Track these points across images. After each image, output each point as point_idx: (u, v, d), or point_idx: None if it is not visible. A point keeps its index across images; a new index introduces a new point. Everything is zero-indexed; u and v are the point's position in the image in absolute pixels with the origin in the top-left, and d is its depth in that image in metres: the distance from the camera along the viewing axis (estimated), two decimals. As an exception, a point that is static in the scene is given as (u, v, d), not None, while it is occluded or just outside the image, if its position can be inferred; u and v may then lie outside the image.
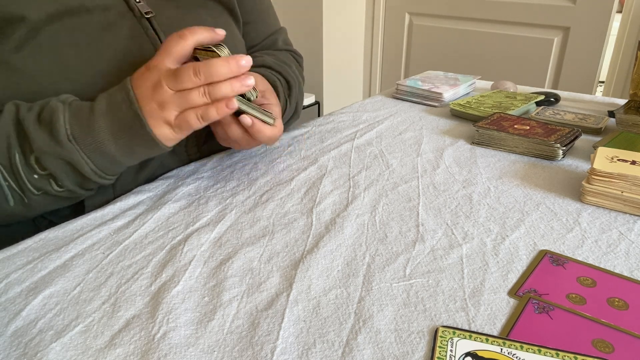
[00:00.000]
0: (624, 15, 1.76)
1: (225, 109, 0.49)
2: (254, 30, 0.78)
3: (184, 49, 0.49)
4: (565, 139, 0.67)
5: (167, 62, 0.49)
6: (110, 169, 0.51)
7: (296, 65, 0.79)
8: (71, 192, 0.50)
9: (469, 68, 2.15)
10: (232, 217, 0.52)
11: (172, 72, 0.48)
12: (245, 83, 0.49)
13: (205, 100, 0.48)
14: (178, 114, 0.49)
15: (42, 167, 0.47)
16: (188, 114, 0.49)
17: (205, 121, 0.49)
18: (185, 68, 0.48)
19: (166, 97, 0.48)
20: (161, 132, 0.49)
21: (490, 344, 0.34)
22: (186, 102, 0.48)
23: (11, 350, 0.35)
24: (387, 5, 2.35)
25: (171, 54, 0.49)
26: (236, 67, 0.48)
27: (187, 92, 0.48)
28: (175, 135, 0.50)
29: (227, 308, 0.38)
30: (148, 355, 0.34)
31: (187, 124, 0.49)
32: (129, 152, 0.50)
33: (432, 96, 0.93)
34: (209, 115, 0.49)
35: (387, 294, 0.40)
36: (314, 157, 0.68)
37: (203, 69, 0.47)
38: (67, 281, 0.42)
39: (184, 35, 0.49)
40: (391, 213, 0.53)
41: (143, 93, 0.48)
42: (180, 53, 0.49)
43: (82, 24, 0.53)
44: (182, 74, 0.47)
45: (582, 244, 0.46)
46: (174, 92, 0.48)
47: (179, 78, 0.47)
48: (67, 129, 0.46)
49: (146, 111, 0.48)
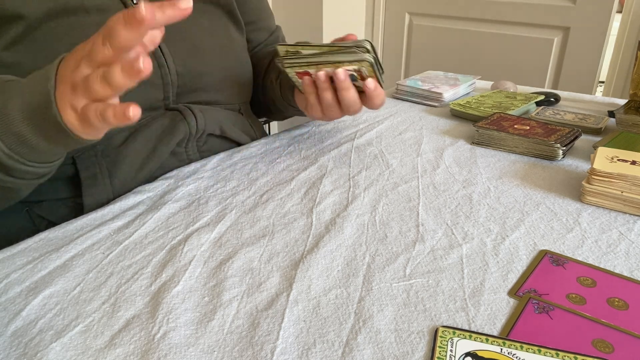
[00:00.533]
0: (624, 15, 1.76)
1: (123, 117, 0.36)
2: (257, 30, 0.79)
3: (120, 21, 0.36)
4: (565, 139, 0.67)
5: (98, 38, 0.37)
6: (28, 154, 0.44)
7: None
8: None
9: (469, 68, 2.14)
10: (232, 217, 0.52)
11: (89, 43, 0.38)
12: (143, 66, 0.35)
13: (105, 89, 0.37)
14: (86, 104, 0.39)
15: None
16: (89, 107, 0.39)
17: (103, 121, 0.38)
18: (96, 37, 0.37)
19: (79, 77, 0.39)
20: (68, 116, 0.41)
21: (490, 344, 0.34)
22: (90, 89, 0.38)
23: (11, 350, 0.35)
24: (387, 5, 2.35)
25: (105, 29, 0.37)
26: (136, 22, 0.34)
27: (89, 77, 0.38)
28: (81, 128, 0.41)
29: (227, 308, 0.38)
30: (148, 355, 0.34)
31: (87, 118, 0.39)
32: (41, 134, 0.43)
33: (432, 96, 0.93)
34: (106, 115, 0.37)
35: (387, 294, 0.40)
36: (314, 157, 0.68)
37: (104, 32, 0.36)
38: (67, 281, 0.42)
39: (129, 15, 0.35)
40: (391, 213, 0.53)
41: (63, 72, 0.40)
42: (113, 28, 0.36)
43: (80, 23, 0.52)
44: (93, 43, 0.37)
45: (582, 244, 0.46)
46: (89, 73, 0.38)
47: (91, 51, 0.37)
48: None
49: (59, 92, 0.40)
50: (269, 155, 0.69)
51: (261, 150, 0.71)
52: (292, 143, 0.74)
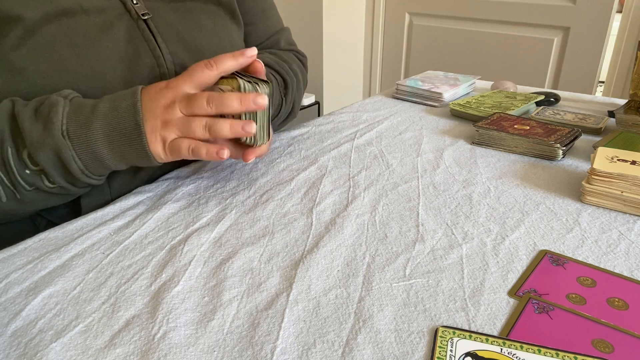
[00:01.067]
0: (624, 15, 1.76)
1: (215, 155, 0.49)
2: (255, 31, 0.78)
3: (209, 78, 0.50)
4: (565, 139, 0.67)
5: (186, 86, 0.50)
6: (97, 170, 0.50)
7: (298, 65, 0.79)
8: (63, 188, 0.50)
9: (469, 68, 2.15)
10: (232, 217, 0.52)
11: (188, 96, 0.49)
12: (245, 129, 0.50)
13: (205, 134, 0.49)
14: (175, 138, 0.49)
15: (34, 162, 0.47)
16: (183, 141, 0.49)
17: (193, 155, 0.50)
18: (201, 95, 0.49)
19: (174, 118, 0.49)
20: (155, 148, 0.49)
21: (490, 344, 0.34)
22: (188, 129, 0.49)
23: (11, 350, 0.35)
24: (387, 5, 2.35)
25: (194, 80, 0.50)
26: (251, 105, 0.49)
27: (192, 119, 0.49)
28: (165, 156, 0.51)
29: (227, 308, 0.38)
30: (148, 355, 0.34)
31: (178, 150, 0.49)
32: (119, 158, 0.50)
33: (432, 96, 0.93)
34: (199, 152, 0.49)
35: (387, 294, 0.40)
36: (314, 157, 0.68)
37: (216, 101, 0.48)
38: (67, 281, 0.42)
39: (210, 66, 0.50)
40: (391, 213, 0.53)
41: (153, 108, 0.49)
42: (202, 81, 0.50)
43: (79, 24, 0.53)
44: (197, 99, 0.49)
45: (582, 244, 0.46)
46: (183, 115, 0.49)
47: (192, 103, 0.49)
48: (64, 123, 0.46)
49: (148, 125, 0.48)
50: (269, 155, 0.69)
51: (261, 150, 0.71)
52: (292, 143, 0.74)
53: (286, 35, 0.84)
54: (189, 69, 0.50)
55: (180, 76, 0.50)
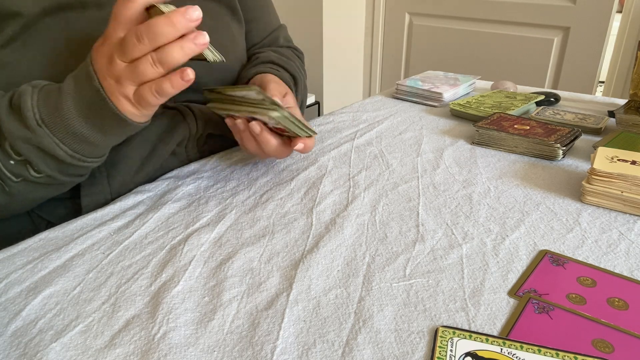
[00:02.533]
0: (624, 15, 1.76)
1: (181, 81, 0.43)
2: (255, 29, 0.78)
3: (132, 11, 0.43)
4: (565, 139, 0.67)
5: (118, 30, 0.43)
6: (87, 151, 0.48)
7: (298, 62, 0.79)
8: (51, 177, 0.48)
9: (469, 68, 2.15)
10: (232, 217, 0.52)
11: (118, 42, 0.43)
12: (197, 41, 0.42)
13: (158, 70, 0.43)
14: (136, 89, 0.45)
15: (16, 152, 0.46)
16: (143, 89, 0.44)
17: (161, 95, 0.44)
18: (128, 34, 0.42)
19: (119, 70, 0.44)
20: (124, 107, 0.45)
21: (490, 344, 0.34)
22: (138, 76, 0.43)
23: (11, 350, 0.35)
24: (387, 5, 2.35)
25: (120, 19, 0.43)
26: (183, 22, 0.41)
27: (137, 64, 0.43)
28: (139, 112, 0.47)
29: (227, 308, 0.38)
30: (148, 355, 0.34)
31: (144, 100, 0.45)
32: (99, 130, 0.47)
33: (432, 96, 0.93)
34: (164, 90, 0.44)
35: (387, 294, 0.40)
36: (314, 157, 0.68)
37: (144, 31, 0.41)
38: (67, 281, 0.42)
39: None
40: (391, 213, 0.53)
41: (101, 68, 0.44)
42: (129, 17, 0.43)
43: (77, 18, 0.52)
44: (127, 42, 0.42)
45: (582, 244, 0.46)
46: (126, 64, 0.43)
47: (124, 47, 0.42)
48: (36, 112, 0.45)
49: (106, 87, 0.44)
50: (269, 155, 0.69)
51: (261, 150, 0.71)
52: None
53: (284, 32, 0.84)
54: (113, 9, 0.44)
55: (109, 22, 0.44)
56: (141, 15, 0.44)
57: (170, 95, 0.45)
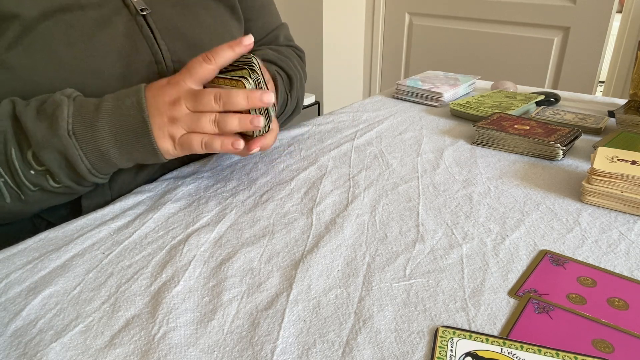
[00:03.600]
0: (624, 15, 1.76)
1: (230, 147, 0.50)
2: (255, 27, 0.78)
3: (208, 72, 0.50)
4: (565, 139, 0.67)
5: (189, 82, 0.50)
6: (104, 169, 0.51)
7: (298, 60, 0.79)
8: (68, 187, 0.50)
9: (469, 68, 2.15)
10: (232, 217, 0.52)
11: (193, 92, 0.49)
12: (254, 123, 0.50)
13: (214, 128, 0.50)
14: (184, 134, 0.50)
15: (38, 162, 0.47)
16: (194, 136, 0.50)
17: (207, 149, 0.50)
18: (207, 92, 0.49)
19: (180, 114, 0.49)
20: (163, 145, 0.50)
21: (490, 344, 0.34)
22: (197, 125, 0.49)
23: (11, 350, 0.35)
24: (387, 5, 2.35)
25: (194, 75, 0.50)
26: (257, 102, 0.49)
27: (200, 115, 0.49)
28: (175, 152, 0.51)
29: (227, 308, 0.38)
30: (148, 355, 0.34)
31: (189, 145, 0.50)
32: (126, 155, 0.50)
33: (432, 96, 0.93)
34: (213, 146, 0.50)
35: (387, 294, 0.40)
36: (314, 157, 0.68)
37: (224, 97, 0.49)
38: (67, 281, 0.42)
39: (208, 60, 0.50)
40: (391, 213, 0.53)
41: (157, 105, 0.49)
42: (203, 76, 0.50)
43: (76, 20, 0.52)
44: (203, 96, 0.49)
45: (582, 244, 0.46)
46: (189, 112, 0.49)
47: (198, 100, 0.49)
48: (69, 122, 0.46)
49: (155, 122, 0.49)
50: (269, 155, 0.69)
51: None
52: (292, 143, 0.74)
53: (285, 31, 0.84)
54: (188, 65, 0.50)
55: (181, 72, 0.51)
56: (212, 76, 0.51)
57: (214, 151, 0.51)
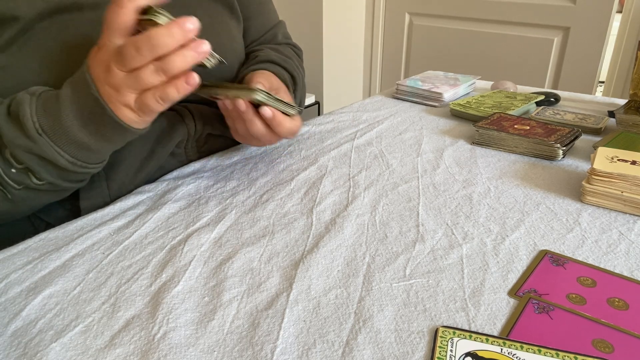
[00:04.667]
0: (624, 15, 1.76)
1: (186, 86, 0.44)
2: (254, 26, 0.77)
3: (125, 19, 0.43)
4: (565, 139, 0.67)
5: (112, 38, 0.43)
6: (88, 157, 0.48)
7: (297, 59, 0.79)
8: (53, 184, 0.48)
9: (469, 68, 2.14)
10: (232, 217, 0.52)
11: (115, 51, 0.43)
12: (199, 50, 0.43)
13: (161, 78, 0.43)
14: (137, 97, 0.45)
15: (17, 160, 0.46)
16: (146, 96, 0.44)
17: (166, 102, 0.45)
18: (126, 45, 0.42)
19: (118, 79, 0.43)
20: (124, 115, 0.45)
21: (490, 344, 0.34)
22: (139, 84, 0.43)
23: (11, 350, 0.35)
24: (387, 5, 2.35)
25: (112, 27, 0.43)
26: (181, 33, 0.41)
27: (138, 72, 0.43)
28: (140, 118, 0.47)
29: (227, 308, 0.38)
30: (148, 355, 0.34)
31: (147, 107, 0.45)
32: (100, 137, 0.47)
33: (432, 96, 0.93)
34: (169, 96, 0.44)
35: (387, 294, 0.40)
36: (314, 157, 0.68)
37: (144, 43, 0.41)
38: (67, 281, 0.42)
39: (120, 3, 0.42)
40: (391, 213, 0.53)
41: (98, 75, 0.44)
42: (122, 25, 0.43)
43: (73, 21, 0.52)
44: (125, 52, 0.42)
45: (582, 244, 0.46)
46: (125, 73, 0.43)
47: (123, 57, 0.42)
48: (35, 122, 0.44)
49: (104, 95, 0.44)
50: (269, 155, 0.69)
51: (261, 150, 0.71)
52: (292, 143, 0.74)
53: (282, 28, 0.83)
54: (104, 18, 0.44)
55: (102, 30, 0.44)
56: (133, 22, 0.44)
57: (175, 100, 0.45)
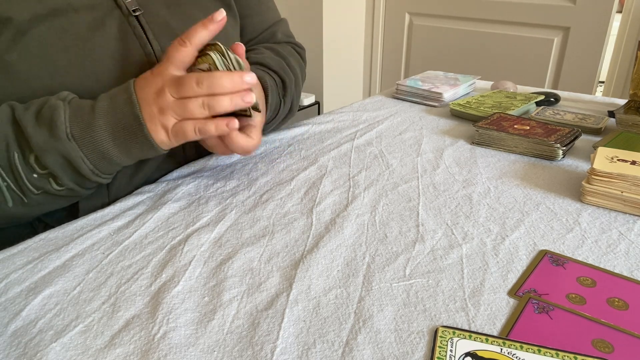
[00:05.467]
0: (624, 15, 1.76)
1: (225, 128, 0.49)
2: (250, 24, 0.76)
3: (186, 55, 0.50)
4: (565, 139, 0.67)
5: (171, 69, 0.50)
6: (106, 168, 0.51)
7: (296, 59, 0.78)
8: (71, 190, 0.50)
9: (469, 68, 2.14)
10: (232, 217, 0.52)
11: (175, 79, 0.49)
12: (245, 99, 0.50)
13: (204, 112, 0.49)
14: (176, 122, 0.50)
15: (41, 166, 0.47)
16: (186, 123, 0.49)
17: (202, 134, 0.50)
18: (189, 77, 0.49)
19: (167, 103, 0.49)
20: (158, 136, 0.50)
21: (490, 344, 0.34)
22: (185, 111, 0.49)
23: (11, 350, 0.35)
24: (387, 5, 2.35)
25: (173, 61, 0.50)
26: (239, 82, 0.49)
27: (187, 101, 0.49)
28: (170, 142, 0.51)
29: (227, 308, 0.38)
30: (148, 355, 0.34)
31: (183, 133, 0.50)
32: (125, 152, 0.50)
33: (432, 96, 0.93)
34: (207, 130, 0.49)
35: (387, 294, 0.40)
36: (314, 157, 0.68)
37: (206, 81, 0.48)
38: (67, 281, 0.42)
39: (183, 42, 0.50)
40: (391, 213, 0.53)
41: (145, 97, 0.49)
42: (181, 60, 0.50)
43: (70, 23, 0.52)
44: (185, 82, 0.48)
45: (582, 244, 0.46)
46: (175, 99, 0.49)
47: (181, 86, 0.49)
48: (67, 126, 0.47)
49: (146, 114, 0.49)
50: (269, 155, 0.69)
51: (261, 150, 0.71)
52: (292, 143, 0.74)
53: (283, 27, 0.82)
54: (166, 52, 0.51)
55: (162, 60, 0.51)
56: (192, 59, 0.51)
57: (209, 135, 0.50)
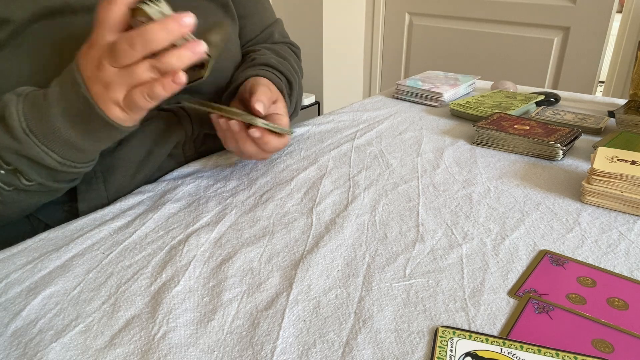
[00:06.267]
0: (624, 15, 1.76)
1: (173, 84, 0.42)
2: (250, 24, 0.76)
3: (117, 14, 0.42)
4: (565, 139, 0.67)
5: (105, 34, 0.42)
6: (76, 157, 0.47)
7: (295, 59, 0.78)
8: (42, 185, 0.48)
9: (469, 68, 2.15)
10: (232, 217, 0.52)
11: (108, 46, 0.42)
12: (196, 50, 0.42)
13: (153, 75, 0.43)
14: (125, 94, 0.44)
15: (6, 162, 0.45)
16: (134, 93, 0.43)
17: (154, 100, 0.44)
18: (119, 41, 0.41)
19: (109, 75, 0.43)
20: (113, 113, 0.45)
21: (490, 344, 0.34)
22: (131, 80, 0.43)
23: (11, 350, 0.35)
24: (387, 5, 2.35)
25: (104, 24, 0.42)
26: (177, 28, 0.41)
27: (130, 68, 0.42)
28: (128, 117, 0.46)
29: (227, 308, 0.38)
30: (148, 355, 0.34)
31: (134, 104, 0.44)
32: (88, 136, 0.46)
33: (432, 96, 0.93)
34: (156, 93, 0.43)
35: (387, 294, 0.40)
36: (314, 157, 0.68)
37: (138, 39, 0.40)
38: (67, 281, 0.42)
39: (111, 0, 0.42)
40: (391, 213, 0.53)
41: (89, 74, 0.43)
42: (113, 21, 0.42)
43: (66, 24, 0.52)
44: (118, 48, 0.41)
45: (582, 244, 0.46)
46: (117, 69, 0.42)
47: (115, 53, 0.41)
48: (22, 122, 0.44)
49: (94, 93, 0.43)
50: (269, 155, 0.69)
51: (261, 150, 0.71)
52: (292, 143, 0.74)
53: (279, 27, 0.83)
54: (96, 14, 0.43)
55: (94, 26, 0.43)
56: (126, 17, 0.43)
57: (162, 98, 0.44)
